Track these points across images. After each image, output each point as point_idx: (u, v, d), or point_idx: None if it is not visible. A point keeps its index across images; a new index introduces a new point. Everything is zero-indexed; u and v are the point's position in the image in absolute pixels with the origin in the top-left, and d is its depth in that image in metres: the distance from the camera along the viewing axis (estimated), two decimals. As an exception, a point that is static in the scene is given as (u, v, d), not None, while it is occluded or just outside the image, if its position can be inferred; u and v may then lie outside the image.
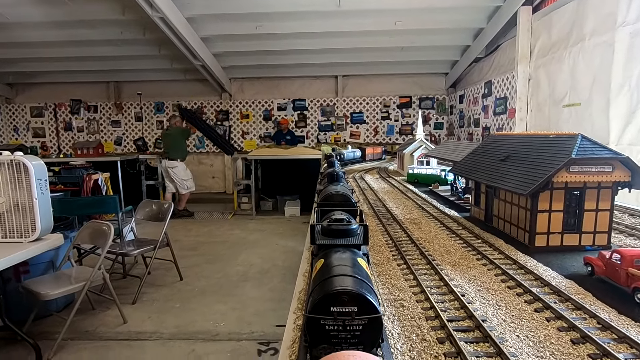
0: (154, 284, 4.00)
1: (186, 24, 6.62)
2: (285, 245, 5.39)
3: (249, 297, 3.69)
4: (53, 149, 10.04)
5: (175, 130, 7.52)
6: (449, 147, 3.84)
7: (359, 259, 1.04)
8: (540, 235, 1.70)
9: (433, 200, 3.03)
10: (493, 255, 1.73)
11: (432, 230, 2.21)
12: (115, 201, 4.01)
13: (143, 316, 3.31)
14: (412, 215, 2.59)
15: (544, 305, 1.25)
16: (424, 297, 1.34)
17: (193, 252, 5.17)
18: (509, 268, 1.56)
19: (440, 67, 9.10)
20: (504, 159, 1.99)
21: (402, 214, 2.61)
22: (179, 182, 7.30)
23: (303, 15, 6.64)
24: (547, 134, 1.88)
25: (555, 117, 5.26)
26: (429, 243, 1.96)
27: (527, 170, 1.72)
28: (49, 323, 3.12)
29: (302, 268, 1.84)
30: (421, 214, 2.62)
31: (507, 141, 2.22)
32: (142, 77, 9.37)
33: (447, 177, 3.58)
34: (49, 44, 7.57)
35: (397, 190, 3.58)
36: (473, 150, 2.58)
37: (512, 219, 1.89)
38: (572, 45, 4.86)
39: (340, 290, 0.85)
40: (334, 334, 0.85)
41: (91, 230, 3.16)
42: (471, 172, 2.28)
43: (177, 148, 7.36)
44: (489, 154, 2.28)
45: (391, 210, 2.70)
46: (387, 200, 3.11)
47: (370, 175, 4.77)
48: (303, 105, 9.78)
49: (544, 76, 5.52)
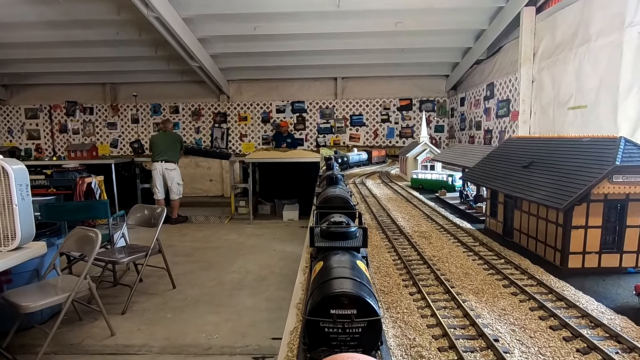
0: (145, 293, 3.84)
1: (183, 25, 6.50)
2: (283, 251, 5.24)
3: (244, 307, 3.53)
4: (48, 151, 9.89)
5: (172, 134, 7.32)
6: (457, 151, 3.62)
7: (358, 262, 1.03)
8: (575, 256, 1.47)
9: (441, 209, 2.82)
10: (522, 280, 1.48)
11: (445, 246, 1.99)
12: (105, 206, 3.86)
13: (132, 327, 3.16)
14: (420, 227, 2.37)
15: (605, 358, 1.00)
16: (448, 344, 1.08)
17: (187, 258, 5.01)
18: (545, 299, 1.31)
19: (441, 69, 8.98)
20: (526, 165, 1.79)
21: (409, 226, 2.39)
22: (174, 187, 7.04)
23: (302, 15, 6.52)
24: (578, 137, 1.67)
25: (560, 119, 5.13)
26: (443, 263, 1.73)
27: (558, 180, 1.51)
28: (32, 335, 2.96)
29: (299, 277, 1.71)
30: (430, 225, 2.41)
31: (529, 145, 1.99)
32: (138, 78, 9.24)
33: (454, 183, 3.41)
34: (44, 44, 7.44)
35: (401, 198, 3.38)
36: (487, 155, 2.37)
37: (539, 234, 1.67)
38: (577, 46, 4.73)
39: (340, 292, 0.84)
40: (333, 336, 0.85)
41: (77, 237, 3.01)
42: (487, 180, 2.08)
43: (175, 151, 7.13)
44: (507, 160, 2.06)
45: (397, 221, 2.48)
46: (391, 209, 2.89)
47: (371, 180, 4.60)
48: (302, 108, 9.65)
49: (548, 78, 5.39)
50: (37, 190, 6.04)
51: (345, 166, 6.50)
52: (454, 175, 3.48)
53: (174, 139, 7.25)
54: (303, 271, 1.76)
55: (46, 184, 6.05)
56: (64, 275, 3.12)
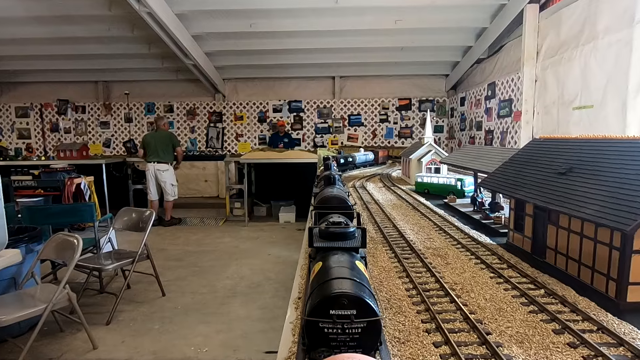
0: (133, 300, 3.65)
1: (176, 21, 6.30)
2: (279, 255, 5.05)
3: (236, 317, 3.35)
4: (39, 150, 9.65)
5: (164, 133, 7.02)
6: (469, 153, 3.27)
7: (357, 262, 1.03)
8: (636, 287, 1.19)
9: (453, 218, 2.55)
10: (575, 321, 1.16)
11: (466, 268, 1.67)
12: (91, 209, 3.67)
13: (117, 339, 2.96)
14: (432, 241, 2.08)
15: None
16: None
17: (179, 262, 4.82)
18: (616, 354, 0.99)
19: (441, 69, 8.83)
20: (564, 171, 1.51)
21: (420, 240, 2.10)
22: (167, 188, 6.78)
23: (299, 12, 6.35)
24: (633, 139, 1.41)
25: (565, 120, 4.98)
26: (469, 294, 1.41)
27: (612, 192, 1.23)
28: (8, 349, 2.76)
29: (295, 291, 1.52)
30: (444, 240, 2.12)
31: (563, 147, 1.68)
32: (131, 76, 9.03)
33: (464, 187, 3.18)
34: (33, 40, 7.22)
35: (406, 204, 3.10)
36: (509, 159, 2.07)
37: (584, 257, 1.36)
38: (583, 44, 4.58)
39: (339, 293, 0.84)
40: (332, 337, 0.84)
41: (57, 243, 2.82)
42: (511, 188, 1.78)
43: (167, 151, 6.85)
44: (536, 165, 1.75)
45: (405, 234, 2.19)
46: (397, 218, 2.61)
47: (372, 184, 4.37)
48: (299, 107, 9.47)
49: (552, 77, 5.24)
50: (24, 192, 5.84)
51: (352, 166, 6.32)
52: (464, 179, 3.22)
53: (165, 138, 6.91)
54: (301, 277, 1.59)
55: (34, 184, 5.84)
56: (43, 285, 2.93)
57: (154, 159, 6.71)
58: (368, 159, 6.59)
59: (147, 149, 6.76)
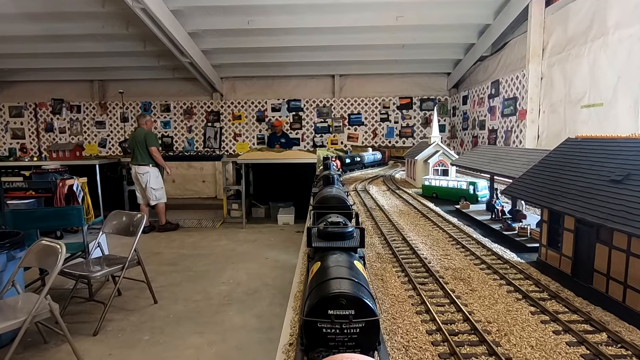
0: (123, 309, 3.48)
1: (171, 17, 6.13)
2: (277, 259, 4.89)
3: (231, 326, 3.18)
4: (33, 151, 9.48)
5: (141, 132, 6.35)
6: (486, 155, 2.90)
7: (356, 262, 1.03)
8: None
9: (469, 228, 2.24)
10: None
11: (498, 297, 1.38)
12: (79, 212, 3.50)
13: (103, 352, 2.80)
14: (451, 260, 1.77)
15: None
16: None
17: (173, 267, 4.65)
18: None
19: (443, 67, 8.67)
20: (620, 179, 1.26)
21: (436, 258, 1.80)
22: (148, 192, 6.30)
23: (297, 9, 6.18)
24: None
25: (572, 118, 4.82)
26: (508, 338, 1.12)
27: None
28: (-13, 363, 2.60)
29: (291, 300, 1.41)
30: (464, 257, 1.80)
31: (614, 150, 1.43)
32: (127, 75, 8.86)
33: (477, 192, 2.94)
34: (26, 38, 7.06)
35: (415, 211, 2.82)
36: (540, 162, 1.80)
37: None
38: (592, 40, 4.42)
39: (338, 293, 0.84)
40: (331, 337, 0.84)
41: (39, 249, 2.65)
42: (547, 197, 1.50)
43: (142, 152, 6.27)
44: (578, 169, 1.50)
45: (417, 250, 1.90)
46: (405, 228, 2.34)
47: (375, 187, 4.11)
48: (298, 106, 9.30)
49: (558, 74, 5.08)
50: (15, 193, 5.66)
51: (361, 166, 6.16)
52: (476, 182, 2.99)
53: (140, 137, 6.29)
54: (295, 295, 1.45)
55: (24, 186, 5.67)
56: (25, 294, 2.76)
57: (133, 161, 6.33)
58: (376, 158, 6.50)
59: (130, 150, 6.44)
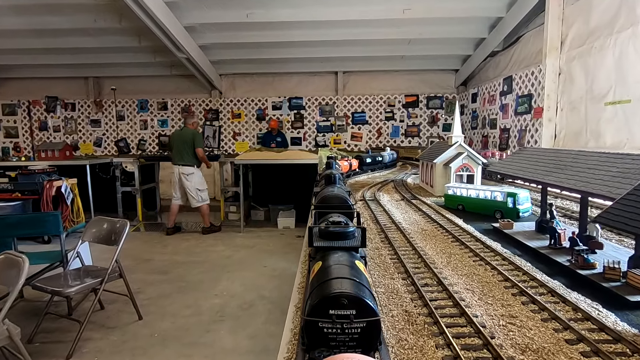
0: (104, 325, 3.16)
1: (166, 10, 5.82)
2: (275, 268, 4.56)
3: (221, 348, 2.85)
4: (27, 150, 9.20)
5: (188, 132, 6.15)
6: (541, 160, 2.15)
7: (357, 262, 1.03)
8: None
9: (526, 262, 1.65)
10: None
11: None
12: (56, 219, 3.18)
13: (75, 379, 2.48)
14: (520, 325, 1.17)
15: None
16: None
17: (164, 276, 4.33)
18: None
19: (450, 63, 8.31)
20: None
21: (497, 323, 1.20)
22: (192, 193, 6.11)
23: (299, 1, 5.86)
24: None
25: (595, 116, 4.46)
26: None
27: None
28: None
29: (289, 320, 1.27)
30: (539, 321, 1.20)
31: None
32: (123, 72, 8.56)
33: (517, 205, 2.42)
34: (15, 33, 6.76)
35: (440, 231, 2.27)
36: None
37: None
38: (619, 30, 4.06)
39: (339, 293, 0.84)
40: (332, 336, 0.84)
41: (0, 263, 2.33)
42: None
43: (189, 153, 6.09)
44: None
45: (464, 303, 1.30)
46: (436, 261, 1.76)
47: (386, 195, 3.55)
48: (300, 104, 8.96)
49: (579, 69, 4.71)
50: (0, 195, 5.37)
51: (382, 166, 5.86)
52: (517, 194, 2.45)
53: (187, 137, 6.09)
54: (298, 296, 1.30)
55: (10, 187, 5.38)
56: (-14, 314, 2.44)
57: (178, 161, 6.11)
58: (393, 157, 6.32)
59: (172, 149, 6.19)
